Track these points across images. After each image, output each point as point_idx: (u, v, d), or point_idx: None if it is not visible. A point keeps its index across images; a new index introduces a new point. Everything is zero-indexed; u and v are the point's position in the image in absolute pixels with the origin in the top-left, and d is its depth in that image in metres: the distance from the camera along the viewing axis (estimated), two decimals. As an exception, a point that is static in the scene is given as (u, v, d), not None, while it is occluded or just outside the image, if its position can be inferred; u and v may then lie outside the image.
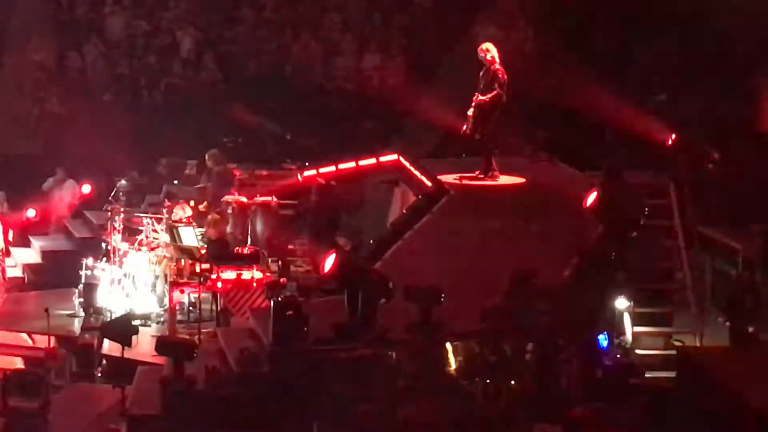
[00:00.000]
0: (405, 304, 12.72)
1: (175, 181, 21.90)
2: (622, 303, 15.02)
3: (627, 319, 15.52)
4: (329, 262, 12.75)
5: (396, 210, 19.42)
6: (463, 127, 17.97)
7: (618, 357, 14.06)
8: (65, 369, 16.41)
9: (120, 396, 12.88)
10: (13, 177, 22.37)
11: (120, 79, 25.38)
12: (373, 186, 20.32)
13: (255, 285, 16.61)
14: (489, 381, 12.55)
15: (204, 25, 26.15)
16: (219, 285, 16.76)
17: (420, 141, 22.28)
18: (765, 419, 10.93)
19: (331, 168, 19.99)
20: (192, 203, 19.03)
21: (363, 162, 19.87)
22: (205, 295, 17.19)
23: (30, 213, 21.30)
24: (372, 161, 19.88)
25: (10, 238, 21.08)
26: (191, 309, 17.48)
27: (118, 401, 12.91)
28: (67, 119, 24.34)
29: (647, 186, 17.94)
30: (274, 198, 19.41)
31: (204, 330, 16.37)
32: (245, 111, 23.32)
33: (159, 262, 17.95)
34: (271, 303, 12.66)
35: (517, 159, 19.78)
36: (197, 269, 17.01)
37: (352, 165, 19.91)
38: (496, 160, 18.30)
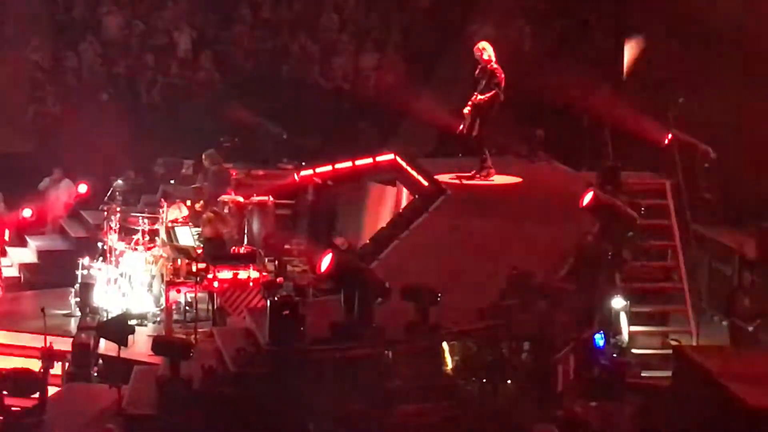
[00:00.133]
0: (402, 303, 12.70)
1: (172, 181, 21.88)
2: (618, 302, 15.02)
3: (623, 319, 15.52)
4: (326, 261, 12.71)
5: (390, 209, 19.46)
6: (460, 127, 17.99)
7: (614, 356, 14.07)
8: (61, 369, 16.38)
9: (116, 395, 12.83)
10: (10, 176, 22.33)
11: (117, 79, 25.37)
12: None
13: (251, 285, 16.60)
14: (486, 380, 12.53)
15: (201, 25, 26.15)
16: (215, 284, 16.75)
17: (417, 140, 22.29)
18: (761, 418, 10.93)
19: (328, 168, 20.02)
20: (188, 203, 19.01)
21: (360, 161, 19.89)
22: (202, 295, 17.17)
23: (26, 212, 21.29)
24: (369, 161, 19.90)
25: (6, 237, 21.08)
26: (188, 308, 17.46)
27: (114, 401, 12.85)
28: (64, 119, 24.32)
29: (644, 185, 17.96)
30: (270, 198, 19.41)
31: (200, 330, 16.34)
32: (242, 110, 23.30)
33: (155, 261, 17.94)
34: (268, 303, 12.61)
35: (514, 158, 19.82)
36: (194, 269, 17.00)
37: (348, 164, 19.93)
38: (492, 159, 18.32)
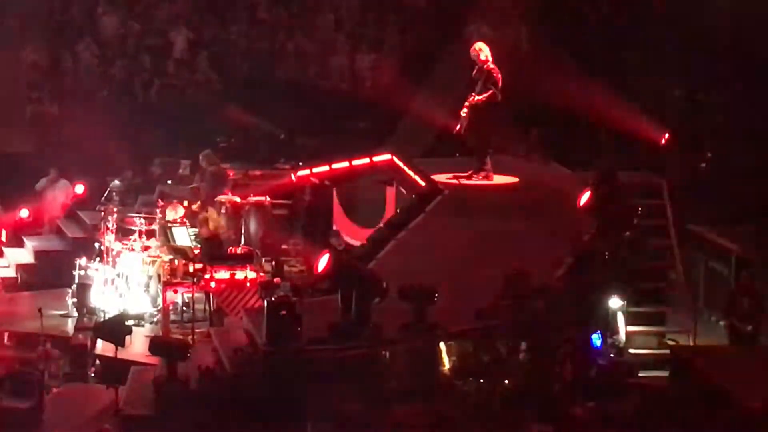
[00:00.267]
0: (399, 303, 12.71)
1: (169, 181, 21.87)
2: (615, 302, 15.01)
3: (621, 319, 15.51)
4: (323, 261, 12.73)
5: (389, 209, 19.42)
6: (457, 127, 17.99)
7: (612, 356, 14.07)
8: (58, 369, 16.38)
9: (113, 396, 12.86)
10: (7, 177, 22.32)
11: (114, 80, 25.35)
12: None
13: (248, 285, 16.61)
14: (483, 380, 12.54)
15: (197, 25, 26.13)
16: (212, 285, 16.75)
17: (414, 140, 22.27)
18: (758, 418, 10.94)
19: (325, 168, 20.01)
20: (185, 203, 19.01)
21: (356, 162, 19.88)
22: (199, 295, 17.17)
23: (23, 213, 21.30)
24: (366, 161, 19.90)
25: (3, 238, 21.08)
26: (185, 309, 17.46)
27: (111, 401, 12.88)
28: (61, 119, 24.32)
29: (641, 185, 17.96)
30: (267, 198, 19.40)
31: (197, 330, 16.35)
32: (239, 111, 23.30)
33: (152, 262, 17.93)
34: (265, 303, 12.64)
35: (511, 158, 19.80)
36: (191, 269, 16.99)
37: (345, 165, 19.93)
38: (489, 159, 18.31)
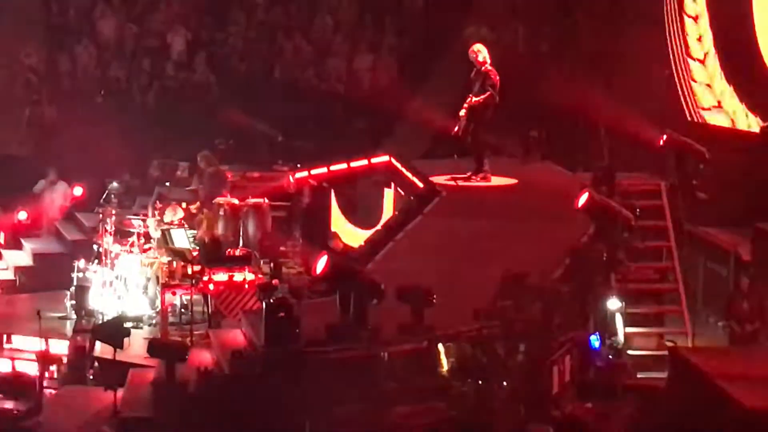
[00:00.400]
0: (397, 305, 12.71)
1: (167, 183, 21.87)
2: (613, 303, 15.00)
3: (619, 320, 15.49)
4: (321, 263, 12.71)
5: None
6: (455, 128, 18.00)
7: (610, 357, 14.06)
8: (57, 372, 16.38)
9: (112, 398, 12.85)
10: (5, 179, 22.32)
11: (111, 82, 25.36)
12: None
13: (247, 287, 16.59)
14: (481, 382, 12.53)
15: (195, 27, 26.13)
16: (211, 287, 16.73)
17: (412, 142, 22.29)
18: (757, 419, 10.93)
19: (323, 169, 20.02)
20: (184, 205, 19.00)
21: (355, 163, 19.89)
22: (197, 297, 17.15)
23: (21, 215, 21.30)
24: (364, 162, 19.90)
25: (1, 240, 21.07)
26: (183, 311, 17.44)
27: (110, 403, 12.87)
28: (59, 121, 24.32)
29: (639, 186, 17.96)
30: (265, 199, 19.38)
31: (196, 332, 16.33)
32: (237, 112, 23.30)
33: (151, 264, 17.91)
34: (263, 304, 12.63)
35: (509, 160, 19.82)
36: (189, 271, 16.98)
37: (343, 166, 19.93)
38: (487, 161, 18.32)
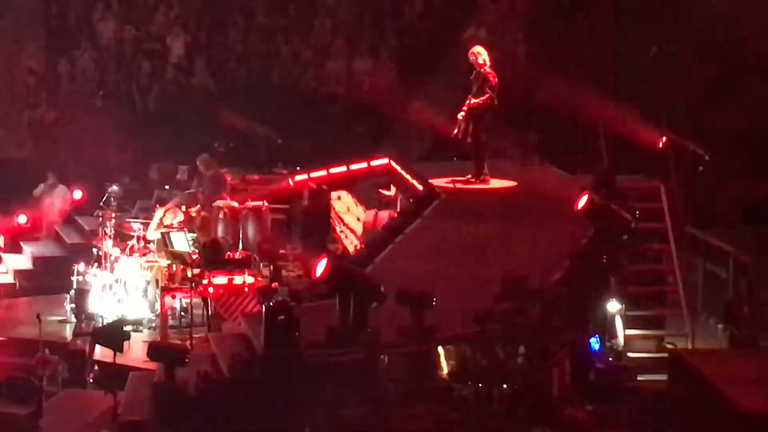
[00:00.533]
0: (396, 307, 12.70)
1: (167, 186, 21.88)
2: (613, 306, 14.99)
3: (619, 322, 15.49)
4: (321, 266, 12.70)
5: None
6: (454, 131, 18.00)
7: (610, 360, 14.05)
8: (57, 375, 16.38)
9: (112, 402, 12.84)
10: (4, 182, 22.34)
11: (111, 85, 25.36)
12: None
13: (246, 290, 16.60)
14: (481, 385, 12.53)
15: (195, 31, 26.14)
16: (210, 290, 16.74)
17: (411, 145, 22.29)
18: (757, 421, 10.93)
19: (323, 172, 20.02)
20: (183, 208, 19.01)
21: (354, 166, 19.88)
22: (197, 300, 17.16)
23: (21, 219, 21.31)
24: (363, 165, 19.90)
25: (1, 244, 21.07)
26: (183, 314, 17.44)
27: (110, 407, 12.86)
28: (59, 125, 24.35)
29: (638, 189, 17.95)
30: (265, 202, 19.39)
31: (196, 335, 16.35)
32: (236, 115, 23.31)
33: (150, 267, 17.92)
34: (263, 308, 12.62)
35: (509, 162, 19.81)
36: (189, 274, 16.99)
37: (343, 169, 19.93)
38: (487, 163, 18.32)
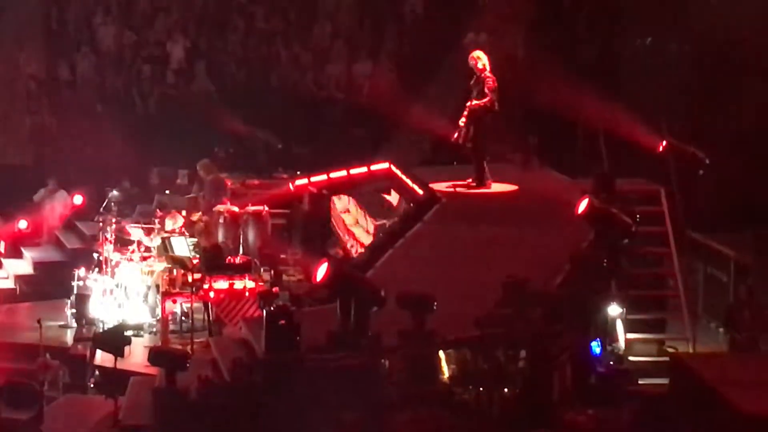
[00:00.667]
0: (397, 312, 12.70)
1: (167, 191, 21.88)
2: (614, 310, 14.99)
3: (620, 326, 15.50)
4: (321, 270, 12.70)
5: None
6: (455, 135, 18.00)
7: (611, 364, 14.04)
8: (58, 380, 16.38)
9: (113, 407, 12.84)
10: (5, 188, 22.35)
11: (111, 90, 25.38)
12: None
13: (247, 294, 16.61)
14: (482, 388, 12.53)
15: (195, 35, 26.16)
16: (211, 295, 16.75)
17: (411, 149, 22.28)
18: (758, 425, 10.93)
19: (323, 177, 20.02)
20: (184, 213, 19.02)
21: (354, 170, 19.88)
22: (198, 305, 17.17)
23: (22, 224, 21.31)
24: (363, 169, 19.90)
25: (2, 249, 21.08)
26: (184, 319, 17.46)
27: (110, 412, 12.86)
28: (59, 130, 24.36)
29: (639, 192, 17.95)
30: (265, 207, 19.40)
31: (196, 340, 16.36)
32: (236, 120, 23.32)
33: (151, 272, 17.92)
34: (264, 312, 12.62)
35: (509, 166, 19.81)
36: (189, 279, 16.99)
37: (343, 173, 19.93)
38: (487, 167, 18.32)
